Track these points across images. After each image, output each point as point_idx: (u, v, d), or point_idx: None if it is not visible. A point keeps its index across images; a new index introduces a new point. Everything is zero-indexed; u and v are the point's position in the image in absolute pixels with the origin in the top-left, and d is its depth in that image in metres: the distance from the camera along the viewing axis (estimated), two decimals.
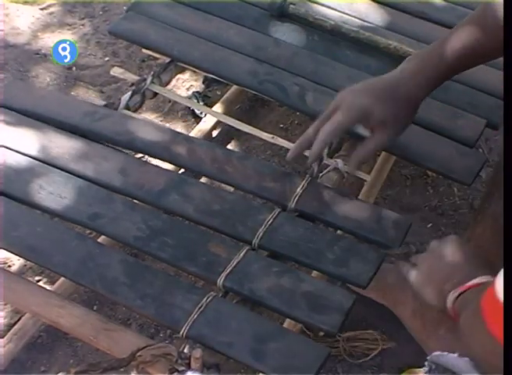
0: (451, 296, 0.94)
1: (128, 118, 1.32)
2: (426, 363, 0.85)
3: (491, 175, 1.27)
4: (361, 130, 1.17)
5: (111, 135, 1.28)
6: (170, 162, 1.28)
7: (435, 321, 1.26)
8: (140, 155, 1.33)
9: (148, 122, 1.39)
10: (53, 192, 1.17)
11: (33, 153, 1.23)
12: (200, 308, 1.02)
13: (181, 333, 1.01)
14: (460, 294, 0.93)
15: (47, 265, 1.11)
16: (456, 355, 0.81)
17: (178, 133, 1.32)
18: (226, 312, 1.03)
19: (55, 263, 1.09)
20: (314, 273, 1.18)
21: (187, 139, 1.30)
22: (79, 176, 1.20)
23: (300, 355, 0.99)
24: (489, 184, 1.32)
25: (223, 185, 1.26)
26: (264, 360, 0.98)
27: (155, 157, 1.28)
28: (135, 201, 1.20)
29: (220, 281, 1.06)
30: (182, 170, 1.33)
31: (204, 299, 1.04)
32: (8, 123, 1.28)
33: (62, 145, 1.25)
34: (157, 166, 1.24)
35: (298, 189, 1.19)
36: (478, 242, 1.21)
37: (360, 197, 1.51)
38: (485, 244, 1.18)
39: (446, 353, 0.82)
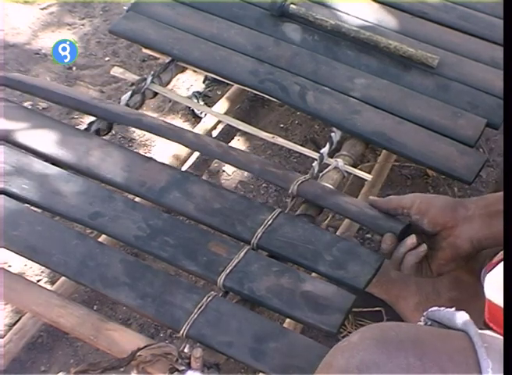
0: (483, 274, 1.02)
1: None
2: (422, 319, 0.85)
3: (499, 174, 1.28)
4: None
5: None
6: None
7: None
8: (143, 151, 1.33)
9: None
10: (54, 191, 1.17)
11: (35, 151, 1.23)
12: (200, 308, 1.02)
13: (181, 332, 1.01)
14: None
15: (47, 264, 1.11)
16: (452, 309, 0.81)
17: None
18: (226, 312, 1.03)
19: (56, 262, 1.09)
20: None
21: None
22: (80, 173, 1.20)
23: (301, 355, 0.99)
24: (497, 183, 1.32)
25: (224, 184, 1.26)
26: (264, 360, 0.98)
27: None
28: (136, 200, 1.19)
29: (220, 281, 1.06)
30: (184, 168, 1.33)
31: (205, 299, 1.03)
32: (10, 116, 1.28)
33: (65, 141, 1.25)
34: (160, 163, 1.24)
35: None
36: None
37: (360, 197, 1.51)
38: None
39: (442, 308, 0.82)
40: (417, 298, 1.32)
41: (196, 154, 1.60)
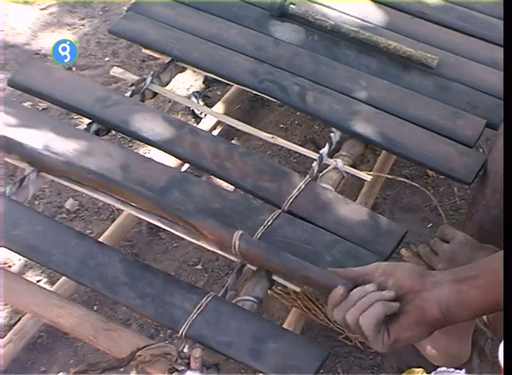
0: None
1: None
2: None
3: (477, 181, 1.27)
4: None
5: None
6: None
7: None
8: (143, 151, 1.33)
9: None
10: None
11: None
12: (199, 308, 1.02)
13: (180, 332, 1.01)
14: None
15: (47, 264, 1.11)
16: (462, 371, 0.80)
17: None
18: (226, 312, 1.03)
19: (56, 262, 1.09)
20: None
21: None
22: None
23: (300, 355, 0.99)
24: (475, 191, 1.32)
25: (224, 184, 1.26)
26: (263, 360, 0.98)
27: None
28: None
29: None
30: (184, 168, 1.33)
31: (204, 299, 1.04)
32: (10, 116, 1.28)
33: (66, 140, 1.25)
34: (159, 164, 1.25)
35: (294, 190, 1.19)
36: None
37: (360, 197, 1.51)
38: None
39: (452, 369, 0.82)
40: None
41: None
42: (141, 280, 1.06)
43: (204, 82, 1.94)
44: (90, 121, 1.31)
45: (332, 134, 1.32)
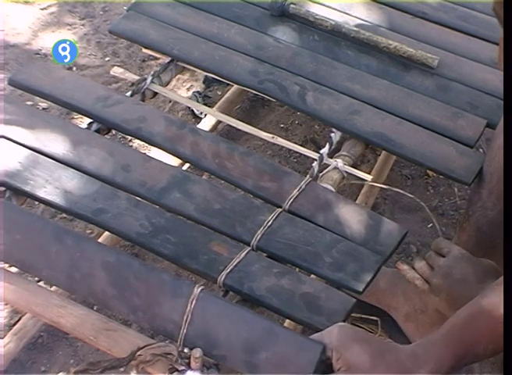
0: None
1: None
2: None
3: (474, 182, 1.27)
4: None
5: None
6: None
7: (428, 324, 1.27)
8: (144, 150, 1.32)
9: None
10: (58, 187, 1.17)
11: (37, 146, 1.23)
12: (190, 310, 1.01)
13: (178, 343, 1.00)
14: None
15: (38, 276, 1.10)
16: None
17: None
18: (226, 312, 1.02)
19: (46, 275, 1.09)
20: None
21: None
22: (82, 171, 1.20)
23: (299, 356, 0.98)
24: (472, 192, 1.31)
25: (225, 183, 1.26)
26: (262, 360, 0.97)
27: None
28: (138, 198, 1.19)
29: (220, 279, 1.06)
30: (185, 167, 1.33)
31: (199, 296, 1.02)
32: (11, 115, 1.28)
33: (67, 139, 1.25)
34: (161, 162, 1.24)
35: (295, 190, 1.19)
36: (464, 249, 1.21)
37: (360, 197, 1.51)
38: (470, 251, 1.19)
39: None
40: (405, 309, 1.32)
41: None
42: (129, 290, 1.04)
43: (204, 82, 1.94)
44: (90, 120, 1.31)
45: (332, 134, 1.32)
